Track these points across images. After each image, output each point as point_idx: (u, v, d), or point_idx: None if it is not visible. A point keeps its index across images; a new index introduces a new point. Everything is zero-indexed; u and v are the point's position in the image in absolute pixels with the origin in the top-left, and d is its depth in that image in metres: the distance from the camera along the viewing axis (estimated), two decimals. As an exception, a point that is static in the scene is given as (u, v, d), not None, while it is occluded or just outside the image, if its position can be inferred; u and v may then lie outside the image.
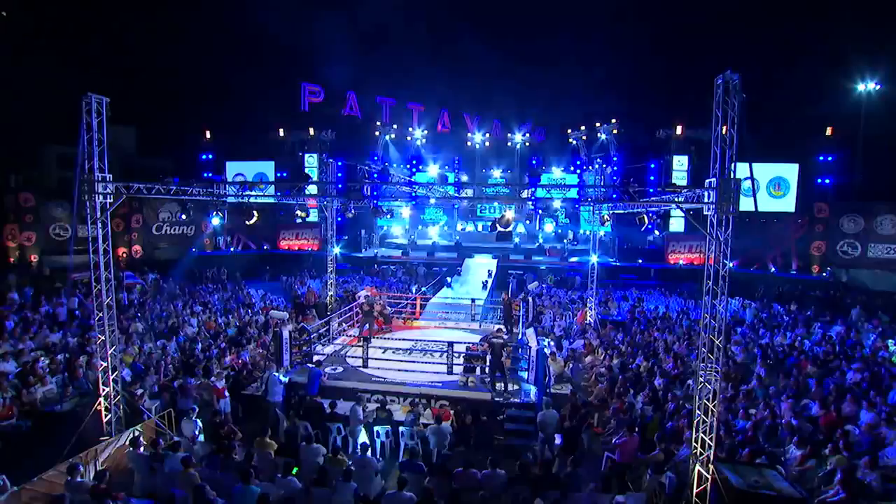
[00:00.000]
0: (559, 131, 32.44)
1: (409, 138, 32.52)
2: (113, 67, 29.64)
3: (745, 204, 6.96)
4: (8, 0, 28.81)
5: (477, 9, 37.00)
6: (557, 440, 8.87)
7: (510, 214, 11.20)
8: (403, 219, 30.49)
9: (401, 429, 9.13)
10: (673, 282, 24.38)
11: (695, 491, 7.10)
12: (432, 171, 31.19)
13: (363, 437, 9.05)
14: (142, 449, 7.67)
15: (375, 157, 30.75)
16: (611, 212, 14.36)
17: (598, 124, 31.11)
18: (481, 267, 22.39)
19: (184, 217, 26.78)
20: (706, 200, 7.22)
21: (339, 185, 13.80)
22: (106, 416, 8.94)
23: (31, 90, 26.39)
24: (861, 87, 25.43)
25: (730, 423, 9.12)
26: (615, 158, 30.68)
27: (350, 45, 32.44)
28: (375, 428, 9.11)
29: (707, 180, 7.17)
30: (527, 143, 32.75)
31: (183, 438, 8.58)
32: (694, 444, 7.19)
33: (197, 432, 8.91)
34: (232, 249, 29.24)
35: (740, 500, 6.46)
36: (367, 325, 13.81)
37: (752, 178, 6.80)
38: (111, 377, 8.99)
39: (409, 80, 32.72)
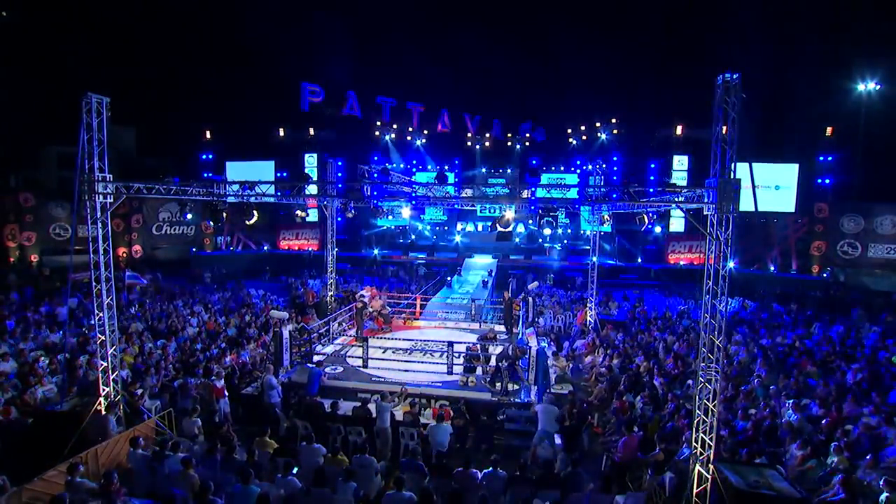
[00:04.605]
0: (559, 131, 32.45)
1: (409, 138, 32.53)
2: (113, 67, 29.63)
3: (745, 204, 6.97)
4: (8, 0, 28.82)
5: (477, 9, 36.99)
6: (557, 440, 8.87)
7: (510, 214, 11.21)
8: (403, 219, 30.51)
9: (400, 428, 9.14)
10: (673, 282, 24.38)
11: (695, 491, 7.09)
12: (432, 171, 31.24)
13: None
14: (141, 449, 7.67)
15: (375, 157, 30.78)
16: (611, 212, 14.36)
17: (598, 124, 31.13)
18: (481, 267, 22.39)
19: (189, 216, 26.92)
20: (706, 200, 7.22)
21: (339, 185, 13.80)
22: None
23: (32, 90, 26.41)
24: (861, 87, 25.43)
25: (730, 423, 9.11)
26: (615, 158, 30.72)
27: (350, 45, 32.47)
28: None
29: (707, 180, 7.18)
30: (527, 143, 32.75)
31: (183, 438, 8.57)
32: (694, 444, 7.19)
33: (197, 430, 8.91)
34: (232, 249, 29.26)
35: (740, 500, 6.46)
36: (358, 324, 13.92)
37: (752, 177, 6.80)
38: (111, 377, 8.99)
39: (409, 79, 32.72)
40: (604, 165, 30.03)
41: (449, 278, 21.19)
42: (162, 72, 32.61)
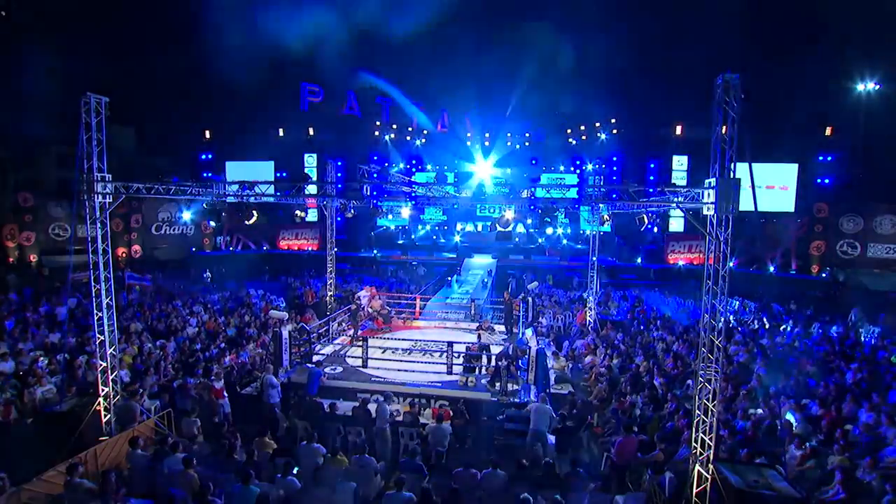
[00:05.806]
0: (559, 131, 32.45)
1: (408, 138, 32.53)
2: (113, 67, 29.59)
3: (745, 204, 6.96)
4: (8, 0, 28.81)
5: (476, 9, 36.95)
6: (551, 440, 8.87)
7: (510, 214, 11.21)
8: (403, 219, 30.51)
9: (400, 429, 9.14)
10: (673, 282, 24.35)
11: (694, 491, 7.09)
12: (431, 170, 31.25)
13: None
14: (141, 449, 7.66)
15: (375, 157, 30.77)
16: (610, 212, 14.36)
17: (597, 124, 31.14)
18: (481, 267, 22.39)
19: (182, 216, 26.99)
20: (706, 200, 7.22)
21: (339, 185, 13.80)
22: (105, 416, 8.93)
23: (31, 90, 26.35)
24: (861, 87, 25.43)
25: (730, 423, 9.11)
26: (615, 158, 30.72)
27: (350, 45, 32.40)
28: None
29: (707, 180, 7.17)
30: (527, 143, 32.76)
31: (182, 439, 8.57)
32: (694, 444, 7.18)
33: (196, 430, 8.91)
34: (231, 249, 29.24)
35: (740, 500, 6.46)
36: (354, 326, 13.94)
37: (751, 177, 6.79)
38: (110, 377, 8.98)
39: (409, 80, 32.68)
40: (603, 165, 30.03)
41: (449, 278, 21.19)
42: (162, 72, 32.56)
